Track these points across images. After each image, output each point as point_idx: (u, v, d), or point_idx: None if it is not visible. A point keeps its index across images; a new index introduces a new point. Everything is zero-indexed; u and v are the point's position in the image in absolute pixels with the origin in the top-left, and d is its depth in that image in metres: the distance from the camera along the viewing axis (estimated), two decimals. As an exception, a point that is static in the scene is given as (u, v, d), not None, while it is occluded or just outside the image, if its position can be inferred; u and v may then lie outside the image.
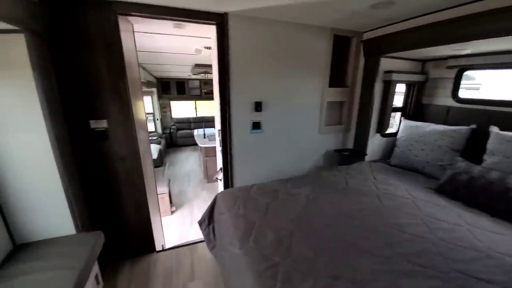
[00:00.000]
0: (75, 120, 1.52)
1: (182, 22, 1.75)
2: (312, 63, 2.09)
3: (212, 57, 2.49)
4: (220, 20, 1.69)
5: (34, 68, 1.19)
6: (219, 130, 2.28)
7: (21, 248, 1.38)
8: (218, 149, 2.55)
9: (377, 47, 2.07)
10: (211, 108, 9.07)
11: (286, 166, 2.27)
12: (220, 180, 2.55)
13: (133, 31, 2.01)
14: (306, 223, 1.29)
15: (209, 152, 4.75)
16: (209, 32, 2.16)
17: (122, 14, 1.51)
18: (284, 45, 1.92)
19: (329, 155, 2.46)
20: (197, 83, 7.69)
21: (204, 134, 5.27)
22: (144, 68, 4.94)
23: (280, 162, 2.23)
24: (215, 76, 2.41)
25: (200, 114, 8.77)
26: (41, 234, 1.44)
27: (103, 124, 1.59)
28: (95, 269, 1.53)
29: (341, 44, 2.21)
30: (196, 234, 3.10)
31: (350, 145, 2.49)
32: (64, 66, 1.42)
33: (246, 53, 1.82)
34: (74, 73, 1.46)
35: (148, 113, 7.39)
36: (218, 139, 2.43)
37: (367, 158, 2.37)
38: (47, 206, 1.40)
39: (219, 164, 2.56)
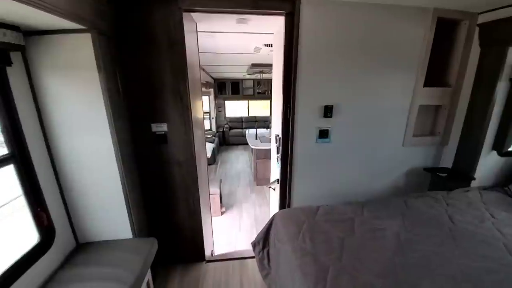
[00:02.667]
0: (137, 123, 1.49)
1: (247, 15, 1.56)
2: (403, 56, 1.63)
3: (274, 55, 2.27)
4: (290, 9, 1.43)
5: (100, 69, 1.15)
6: (277, 136, 2.03)
7: (82, 248, 1.40)
8: (274, 156, 2.31)
9: (502, 33, 1.48)
10: (262, 107, 8.99)
11: (355, 184, 1.87)
12: (274, 189, 2.32)
13: (197, 31, 1.94)
14: (404, 282, 0.91)
15: (260, 154, 4.59)
16: (273, 26, 1.94)
17: (186, 11, 1.41)
18: (367, 34, 1.54)
19: (415, 175, 1.94)
20: (250, 83, 7.69)
21: (256, 135, 5.14)
22: (203, 70, 5.11)
23: (349, 179, 1.84)
24: (276, 75, 2.17)
25: (252, 114, 8.79)
26: (101, 235, 1.45)
27: (163, 127, 1.53)
28: (148, 275, 1.48)
29: (442, 31, 1.68)
30: (244, 242, 2.96)
31: (446, 163, 1.91)
32: (128, 66, 1.39)
33: (318, 47, 1.51)
34: (138, 74, 1.42)
35: (204, 112, 7.77)
36: (274, 145, 2.19)
37: (474, 183, 1.76)
38: (108, 209, 1.40)
39: (274, 172, 2.33)
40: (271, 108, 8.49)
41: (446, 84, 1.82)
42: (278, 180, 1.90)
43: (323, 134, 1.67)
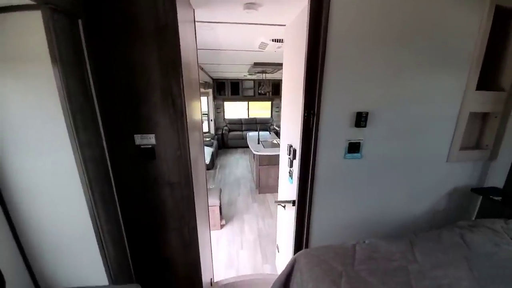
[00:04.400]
0: (115, 135, 1.13)
1: (260, -4, 1.22)
2: (454, 51, 1.30)
3: (285, 51, 1.93)
4: (318, -13, 1.09)
5: (55, 61, 0.80)
6: (290, 146, 1.70)
7: (44, 299, 1.06)
8: (284, 168, 1.98)
9: None
10: (263, 109, 8.66)
11: (390, 208, 1.53)
12: (284, 207, 1.98)
13: (194, 21, 1.60)
14: None
15: (263, 161, 4.25)
16: (286, 15, 1.60)
17: (180, -13, 1.06)
18: (411, 23, 1.20)
19: (459, 196, 1.61)
20: (251, 84, 7.37)
21: (259, 139, 4.80)
22: (202, 69, 4.76)
23: (382, 202, 1.50)
24: (288, 74, 1.83)
25: (251, 115, 8.47)
26: (69, 281, 1.10)
27: (150, 139, 1.18)
28: (129, 332, 1.13)
29: (498, 23, 1.35)
30: (248, 263, 2.61)
31: (493, 181, 1.58)
32: (102, 59, 1.03)
33: (351, 38, 1.17)
34: (116, 69, 1.06)
35: (203, 114, 7.44)
36: (286, 156, 1.85)
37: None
38: (76, 249, 1.06)
39: (285, 188, 1.98)
40: (272, 110, 8.20)
41: (499, 87, 1.49)
42: (293, 201, 1.56)
43: (354, 147, 1.33)
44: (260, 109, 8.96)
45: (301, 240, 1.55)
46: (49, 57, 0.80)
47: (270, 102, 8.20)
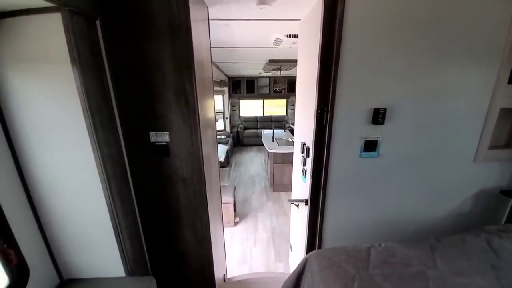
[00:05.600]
0: (132, 132, 1.18)
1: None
2: (482, 41, 1.20)
3: (299, 46, 1.89)
4: (332, -22, 1.05)
5: (74, 62, 0.84)
6: (303, 144, 1.66)
7: (67, 285, 1.13)
8: (297, 167, 1.95)
9: None
10: (278, 106, 8.60)
11: (408, 210, 1.46)
12: (297, 205, 1.95)
13: (208, 19, 1.61)
14: None
15: (277, 159, 4.22)
16: (301, 9, 1.56)
17: (193, -15, 1.07)
18: (435, 10, 1.12)
19: (486, 199, 1.49)
20: (266, 81, 7.33)
21: (273, 137, 4.77)
22: (218, 67, 4.81)
23: (400, 203, 1.43)
24: (302, 70, 1.80)
25: (266, 113, 8.45)
26: (89, 272, 1.17)
27: (164, 137, 1.21)
28: (144, 322, 1.18)
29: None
30: (261, 260, 2.62)
31: (529, 183, 1.45)
32: (117, 59, 1.07)
33: (369, 28, 1.12)
34: (131, 69, 1.10)
35: (218, 112, 7.54)
36: (299, 154, 1.82)
37: None
38: (95, 241, 1.11)
39: (298, 187, 1.96)
40: (287, 107, 8.12)
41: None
42: (306, 201, 1.53)
43: (370, 146, 1.28)
44: (275, 107, 8.91)
45: (313, 240, 1.52)
46: (68, 57, 0.84)
47: (285, 100, 8.11)
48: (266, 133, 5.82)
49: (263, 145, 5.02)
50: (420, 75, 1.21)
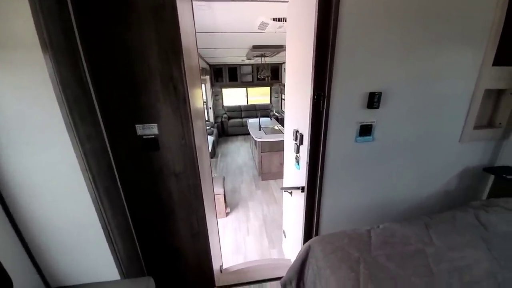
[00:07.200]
0: (116, 125, 1.07)
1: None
2: (470, 26, 1.22)
3: (288, 30, 1.81)
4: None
5: (46, 46, 0.72)
6: (296, 131, 1.64)
7: (56, 294, 1.05)
8: (289, 155, 1.93)
9: None
10: (261, 95, 8.51)
11: (401, 191, 1.51)
12: (290, 193, 1.96)
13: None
14: None
15: (265, 147, 4.20)
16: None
17: (176, -42, 0.95)
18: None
19: (470, 176, 1.58)
20: (249, 69, 7.17)
21: (260, 125, 4.73)
22: (199, 54, 4.59)
23: (393, 185, 1.47)
24: (292, 55, 1.74)
25: (250, 102, 8.34)
26: (78, 278, 1.08)
27: (153, 129, 1.11)
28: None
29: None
30: (254, 248, 2.64)
31: (506, 161, 1.54)
32: (96, 43, 0.94)
33: (365, 14, 1.08)
34: (110, 54, 0.98)
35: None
36: (292, 142, 1.80)
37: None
38: (83, 244, 1.02)
39: (291, 174, 1.95)
40: (271, 95, 8.03)
41: (516, 61, 1.41)
42: (302, 188, 1.53)
43: (365, 130, 1.28)
44: (259, 95, 8.80)
45: (310, 226, 1.54)
46: (38, 41, 0.72)
47: (269, 88, 8.03)
48: (252, 122, 5.76)
49: (248, 134, 4.98)
50: (413, 60, 1.20)
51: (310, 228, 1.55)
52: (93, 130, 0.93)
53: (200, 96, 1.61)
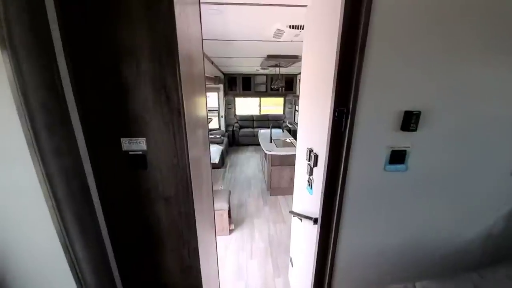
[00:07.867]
0: (98, 139, 0.91)
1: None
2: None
3: (305, 37, 1.63)
4: None
5: (4, 43, 0.58)
6: (310, 150, 1.43)
7: None
8: (301, 175, 1.71)
9: None
10: (274, 105, 8.36)
11: (436, 232, 1.24)
12: (300, 220, 1.72)
13: (199, 2, 1.36)
14: None
15: (275, 161, 3.98)
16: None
17: None
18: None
19: (524, 217, 1.28)
20: (263, 79, 7.08)
21: (271, 137, 4.53)
22: (212, 62, 4.52)
23: (427, 224, 1.21)
24: (308, 65, 1.55)
25: (263, 112, 8.21)
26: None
27: (140, 145, 0.94)
28: None
29: None
30: (258, 276, 2.38)
31: None
32: (76, 42, 0.80)
33: (400, 14, 0.87)
34: (94, 55, 0.83)
35: (213, 110, 7.26)
36: (304, 162, 1.58)
37: None
38: (49, 281, 0.85)
39: (301, 199, 1.72)
40: (285, 106, 7.88)
41: None
42: (315, 220, 1.30)
43: (397, 157, 1.04)
44: (272, 105, 8.66)
45: (323, 264, 1.29)
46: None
47: (282, 98, 7.88)
48: (263, 132, 5.58)
49: (259, 145, 4.79)
50: (462, 73, 0.97)
51: (323, 266, 1.30)
52: (63, 144, 0.77)
53: (203, 105, 1.45)
